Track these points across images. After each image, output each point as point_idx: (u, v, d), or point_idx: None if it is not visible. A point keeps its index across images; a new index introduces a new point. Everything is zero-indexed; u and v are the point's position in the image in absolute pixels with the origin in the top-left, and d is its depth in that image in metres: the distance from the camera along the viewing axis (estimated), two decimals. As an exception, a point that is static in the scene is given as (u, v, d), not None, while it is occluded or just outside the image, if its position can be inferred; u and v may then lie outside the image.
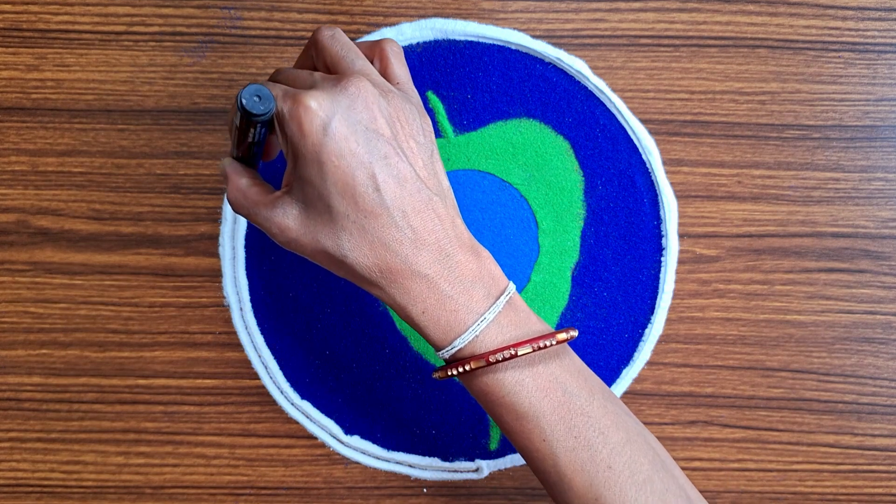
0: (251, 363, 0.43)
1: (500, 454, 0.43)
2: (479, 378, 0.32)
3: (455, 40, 0.43)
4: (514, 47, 0.43)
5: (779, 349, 0.44)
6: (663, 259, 0.43)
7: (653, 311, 0.43)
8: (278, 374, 0.43)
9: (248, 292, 0.43)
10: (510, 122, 0.43)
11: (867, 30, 0.44)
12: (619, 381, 0.43)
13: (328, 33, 0.33)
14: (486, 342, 0.31)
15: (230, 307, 0.43)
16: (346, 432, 0.43)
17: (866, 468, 0.44)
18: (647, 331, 0.43)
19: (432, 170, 0.32)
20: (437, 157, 0.33)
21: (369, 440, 0.43)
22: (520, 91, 0.43)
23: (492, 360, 0.31)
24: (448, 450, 0.43)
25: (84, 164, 0.43)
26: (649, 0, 0.44)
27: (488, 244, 0.43)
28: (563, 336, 0.31)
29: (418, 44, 0.43)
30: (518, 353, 0.31)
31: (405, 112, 0.32)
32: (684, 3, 0.44)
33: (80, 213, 0.43)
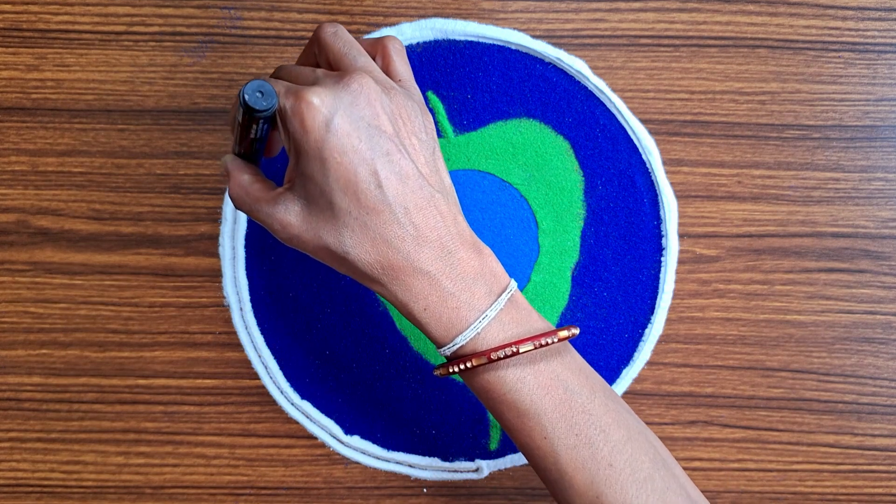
0: (251, 363, 0.43)
1: (500, 454, 0.43)
2: (481, 375, 0.32)
3: (455, 40, 0.43)
4: (514, 47, 0.43)
5: (779, 349, 0.44)
6: (663, 259, 0.43)
7: (653, 311, 0.43)
8: (278, 374, 0.43)
9: (248, 292, 0.43)
10: (510, 122, 0.43)
11: (867, 30, 0.44)
12: (619, 381, 0.43)
13: (331, 30, 0.33)
14: (488, 339, 0.31)
15: (230, 307, 0.43)
16: (346, 432, 0.43)
17: (866, 468, 0.44)
18: (647, 331, 0.43)
19: (434, 167, 0.32)
20: (438, 155, 0.33)
21: (369, 440, 0.43)
22: (520, 91, 0.43)
23: (493, 357, 0.31)
24: (448, 450, 0.43)
25: (84, 164, 0.43)
26: (649, 0, 0.44)
27: (488, 244, 0.43)
28: (564, 333, 0.32)
29: (418, 44, 0.43)
30: (520, 351, 0.31)
31: (407, 109, 0.32)
32: (684, 3, 0.44)
33: (80, 213, 0.43)
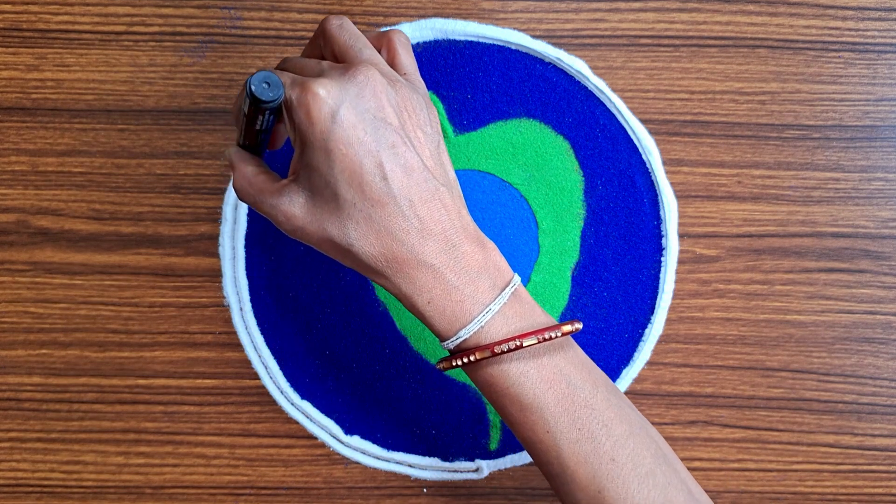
0: (251, 363, 0.43)
1: (500, 454, 0.43)
2: (484, 369, 0.32)
3: (455, 40, 0.43)
4: (514, 47, 0.43)
5: (779, 349, 0.44)
6: (663, 259, 0.43)
7: (653, 311, 0.43)
8: (278, 374, 0.43)
9: (248, 292, 0.43)
10: (510, 122, 0.43)
11: (867, 30, 0.44)
12: (619, 381, 0.43)
13: (336, 22, 0.33)
14: (492, 333, 0.31)
15: (230, 307, 0.43)
16: (346, 432, 0.43)
17: (866, 468, 0.44)
18: (647, 331, 0.43)
19: (439, 160, 0.32)
20: (443, 148, 0.33)
21: (369, 440, 0.43)
22: (520, 91, 0.43)
23: (497, 350, 0.31)
24: (448, 450, 0.43)
25: (84, 164, 0.43)
26: (649, 0, 0.44)
27: (488, 244, 0.43)
28: (568, 328, 0.32)
29: (418, 44, 0.43)
30: (523, 345, 0.31)
31: (413, 102, 0.32)
32: (684, 3, 0.44)
33: (80, 213, 0.43)
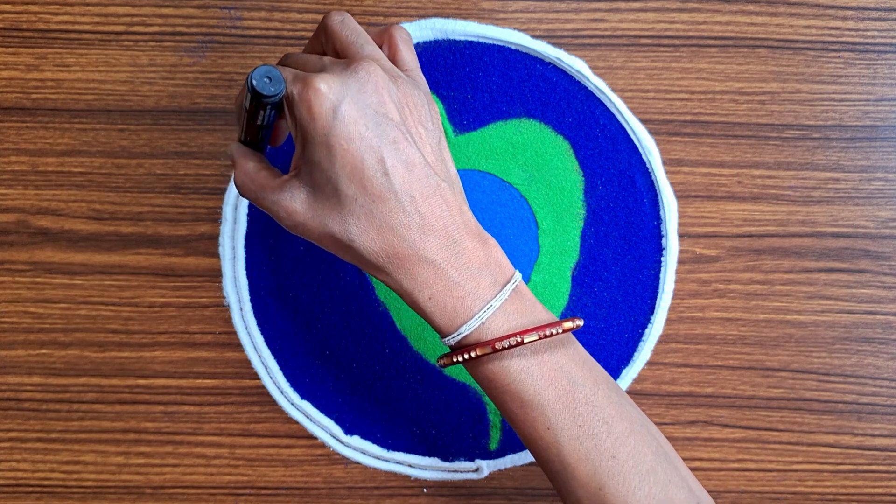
0: (251, 363, 0.43)
1: (500, 454, 0.43)
2: (485, 365, 0.32)
3: (455, 40, 0.43)
4: (514, 47, 0.43)
5: (779, 349, 0.44)
6: (663, 259, 0.43)
7: (653, 311, 0.43)
8: (278, 374, 0.43)
9: (248, 292, 0.43)
10: (510, 122, 0.43)
11: (867, 30, 0.44)
12: (619, 381, 0.43)
13: (338, 18, 0.33)
14: (492, 329, 0.31)
15: (230, 307, 0.43)
16: (346, 432, 0.43)
17: (866, 468, 0.44)
18: (647, 331, 0.43)
19: (440, 156, 0.32)
20: (444, 144, 0.33)
21: (369, 440, 0.43)
22: (520, 91, 0.43)
23: (498, 347, 0.31)
24: (448, 450, 0.43)
25: (84, 164, 0.43)
26: (649, 0, 0.44)
27: (488, 244, 0.43)
28: (569, 325, 0.32)
29: (418, 44, 0.43)
30: (524, 341, 0.31)
31: (414, 98, 0.32)
32: (684, 3, 0.44)
33: (80, 213, 0.43)
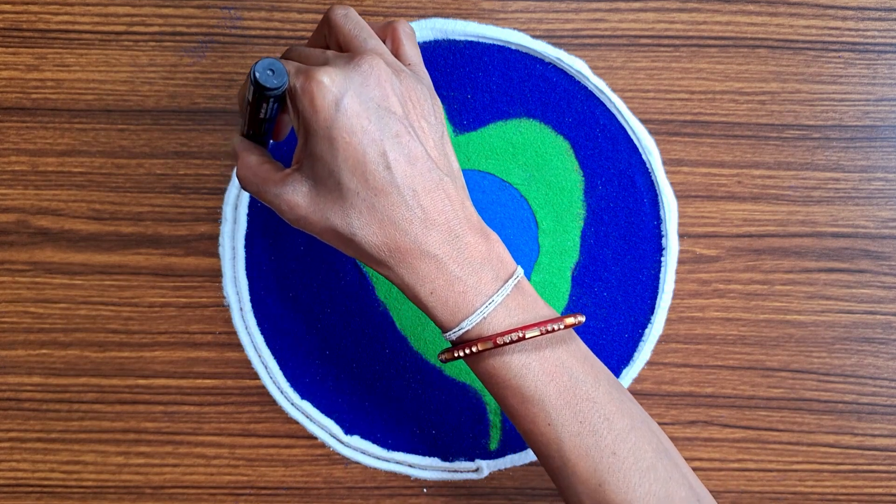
0: (251, 363, 0.43)
1: (500, 454, 0.43)
2: (486, 360, 0.32)
3: (455, 40, 0.43)
4: (514, 47, 0.43)
5: (779, 349, 0.44)
6: (663, 259, 0.43)
7: (653, 311, 0.43)
8: (278, 374, 0.43)
9: (248, 292, 0.43)
10: (510, 122, 0.43)
11: (867, 30, 0.44)
12: (619, 380, 0.43)
13: (341, 12, 0.33)
14: (494, 324, 0.31)
15: (230, 307, 0.43)
16: (346, 432, 0.43)
17: (866, 468, 0.44)
18: (647, 331, 0.43)
19: (443, 150, 0.32)
20: (447, 139, 0.33)
21: (369, 440, 0.43)
22: (520, 91, 0.43)
23: (499, 342, 0.31)
24: (448, 450, 0.43)
25: (84, 164, 0.43)
26: (649, 0, 0.44)
27: (488, 244, 0.43)
28: (570, 321, 0.32)
29: (418, 44, 0.43)
30: (526, 336, 0.31)
31: (417, 92, 0.32)
32: (684, 3, 0.44)
33: (80, 213, 0.43)
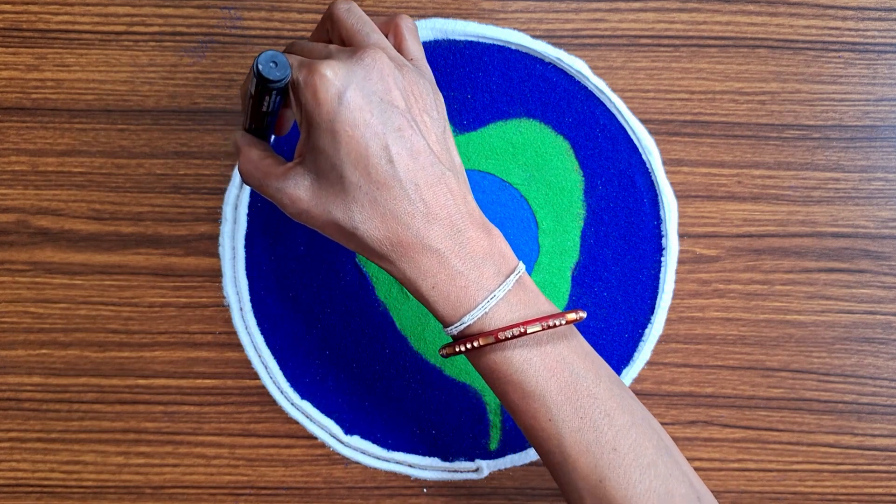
0: (251, 363, 0.43)
1: (500, 454, 0.43)
2: (487, 355, 0.32)
3: (455, 40, 0.43)
4: (514, 47, 0.43)
5: (779, 349, 0.44)
6: (663, 259, 0.43)
7: (653, 311, 0.43)
8: (278, 374, 0.43)
9: (248, 292, 0.43)
10: (510, 122, 0.43)
11: (867, 30, 0.44)
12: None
13: (344, 6, 0.33)
14: (496, 319, 0.31)
15: (230, 307, 0.43)
16: (346, 432, 0.43)
17: (866, 468, 0.44)
18: (647, 331, 0.43)
19: (445, 145, 0.32)
20: (449, 134, 0.33)
21: (369, 440, 0.43)
22: (520, 91, 0.43)
23: (501, 336, 0.31)
24: (448, 450, 0.43)
25: (84, 164, 0.43)
26: (649, 0, 0.44)
27: (488, 244, 0.43)
28: (572, 316, 0.32)
29: (418, 44, 0.43)
30: (527, 331, 0.31)
31: (419, 86, 0.32)
32: (684, 3, 0.44)
33: (80, 213, 0.43)
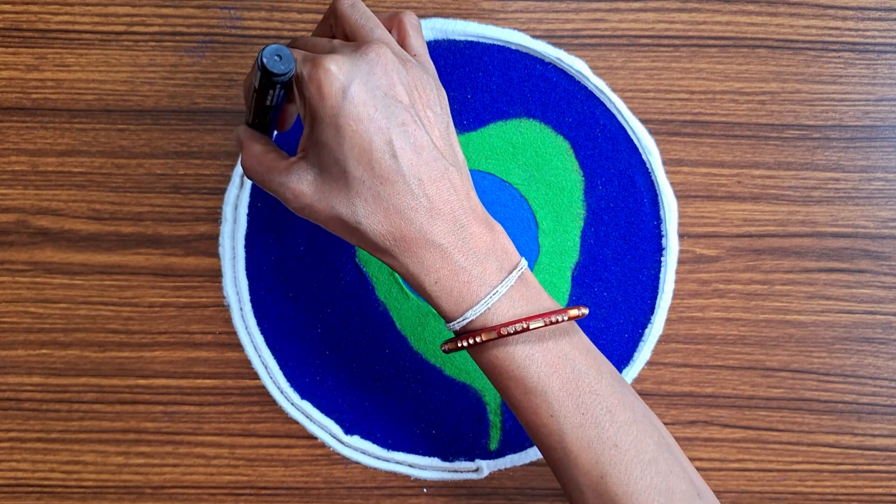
0: (251, 363, 0.43)
1: (500, 454, 0.43)
2: (489, 351, 0.32)
3: (455, 40, 0.43)
4: (514, 47, 0.43)
5: (779, 349, 0.44)
6: (663, 259, 0.43)
7: (653, 311, 0.43)
8: (278, 374, 0.43)
9: (248, 292, 0.43)
10: (510, 122, 0.43)
11: (867, 30, 0.44)
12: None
13: (348, 2, 0.33)
14: (498, 315, 0.31)
15: (230, 307, 0.43)
16: (346, 432, 0.43)
17: (866, 468, 0.44)
18: (647, 331, 0.43)
19: (448, 141, 0.32)
20: (452, 130, 0.33)
21: (369, 440, 0.43)
22: (520, 91, 0.43)
23: (503, 332, 0.31)
24: (448, 450, 0.43)
25: (84, 164, 0.43)
26: (649, 0, 0.44)
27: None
28: (574, 312, 0.32)
29: (418, 44, 0.43)
30: (530, 327, 0.31)
31: (423, 81, 0.32)
32: (684, 3, 0.44)
33: (80, 213, 0.43)
